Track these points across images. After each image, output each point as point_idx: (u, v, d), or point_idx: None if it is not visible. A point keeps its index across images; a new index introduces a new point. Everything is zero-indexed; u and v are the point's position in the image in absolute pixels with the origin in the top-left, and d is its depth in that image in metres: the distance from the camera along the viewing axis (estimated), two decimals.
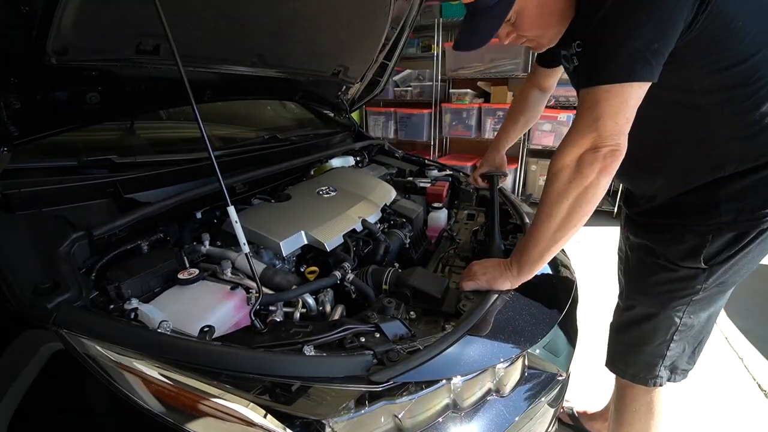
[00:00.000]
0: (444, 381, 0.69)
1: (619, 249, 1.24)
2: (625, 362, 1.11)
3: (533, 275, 0.89)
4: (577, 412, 1.62)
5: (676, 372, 1.07)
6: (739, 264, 0.90)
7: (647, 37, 0.68)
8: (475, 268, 0.94)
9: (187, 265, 0.91)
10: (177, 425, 0.56)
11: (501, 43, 0.92)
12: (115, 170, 1.01)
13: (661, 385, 1.07)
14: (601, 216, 3.75)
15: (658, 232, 0.97)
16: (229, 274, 0.90)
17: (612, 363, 1.15)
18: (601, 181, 0.74)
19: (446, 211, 1.45)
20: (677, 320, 0.98)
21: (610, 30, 0.70)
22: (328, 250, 1.04)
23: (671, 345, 1.01)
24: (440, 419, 0.68)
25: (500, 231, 1.14)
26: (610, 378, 1.17)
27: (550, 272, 1.09)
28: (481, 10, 0.81)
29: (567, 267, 1.18)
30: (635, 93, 0.70)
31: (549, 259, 0.86)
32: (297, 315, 0.84)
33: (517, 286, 0.90)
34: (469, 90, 4.10)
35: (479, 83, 4.10)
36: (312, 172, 1.56)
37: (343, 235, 1.09)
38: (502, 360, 0.76)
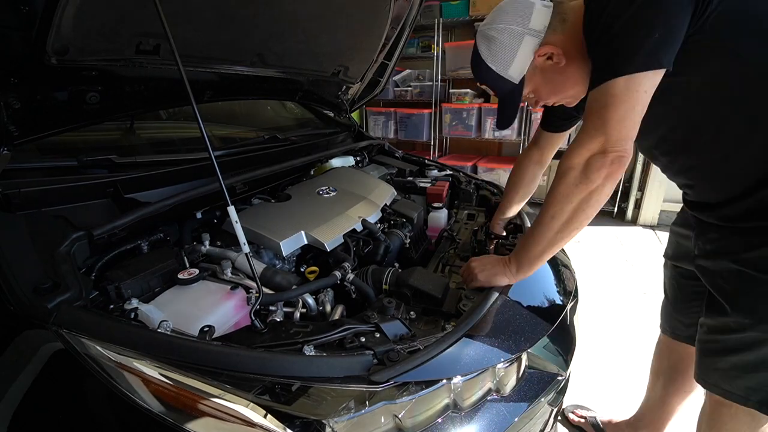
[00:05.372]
0: (444, 381, 0.69)
1: (697, 267, 0.95)
2: (723, 378, 0.87)
3: (532, 273, 0.89)
4: (602, 421, 1.49)
5: None
6: None
7: (646, 30, 0.68)
8: (473, 264, 0.94)
9: (187, 265, 0.91)
10: (177, 425, 0.56)
11: (534, 111, 1.03)
12: (115, 170, 1.01)
13: None
14: (601, 216, 3.67)
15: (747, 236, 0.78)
16: (229, 274, 0.90)
17: (703, 378, 0.92)
18: (606, 187, 0.74)
19: (446, 211, 1.45)
20: None
21: (611, 34, 0.71)
22: (328, 250, 1.04)
23: None
24: (440, 419, 0.68)
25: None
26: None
27: (551, 272, 1.09)
28: (502, 97, 0.95)
29: (567, 267, 1.18)
30: (642, 85, 0.69)
31: (548, 257, 0.86)
32: (297, 315, 0.84)
33: (514, 283, 0.90)
34: (469, 90, 4.09)
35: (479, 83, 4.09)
36: (312, 172, 1.56)
37: (343, 235, 1.09)
38: (502, 360, 0.76)
